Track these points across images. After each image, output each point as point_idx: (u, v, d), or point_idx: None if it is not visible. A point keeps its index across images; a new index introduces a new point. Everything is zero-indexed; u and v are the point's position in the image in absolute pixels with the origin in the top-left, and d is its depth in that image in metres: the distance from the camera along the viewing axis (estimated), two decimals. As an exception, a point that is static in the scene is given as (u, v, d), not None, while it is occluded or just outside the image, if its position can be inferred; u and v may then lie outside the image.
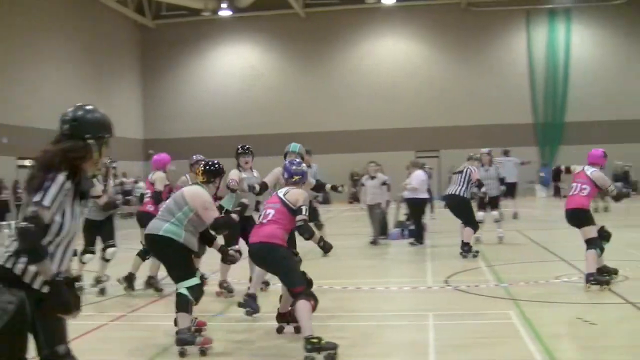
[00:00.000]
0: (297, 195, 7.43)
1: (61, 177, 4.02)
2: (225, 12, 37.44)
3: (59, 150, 4.12)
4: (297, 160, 8.48)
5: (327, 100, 38.23)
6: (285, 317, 7.95)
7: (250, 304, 8.72)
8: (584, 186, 10.13)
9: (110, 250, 10.80)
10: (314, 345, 6.75)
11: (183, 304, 7.21)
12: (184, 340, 7.12)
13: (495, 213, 16.13)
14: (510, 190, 20.17)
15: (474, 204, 15.53)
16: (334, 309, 9.22)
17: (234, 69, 39.36)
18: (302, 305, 6.96)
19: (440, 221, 21.43)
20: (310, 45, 38.50)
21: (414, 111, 37.48)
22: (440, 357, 6.83)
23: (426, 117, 37.39)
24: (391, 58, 38.35)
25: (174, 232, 7.35)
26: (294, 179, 7.73)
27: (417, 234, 16.36)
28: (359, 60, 38.41)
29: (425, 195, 16.69)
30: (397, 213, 18.85)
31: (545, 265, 12.53)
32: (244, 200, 8.14)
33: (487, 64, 37.94)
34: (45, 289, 3.94)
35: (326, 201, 35.40)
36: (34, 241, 3.88)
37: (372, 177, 16.32)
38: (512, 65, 38.03)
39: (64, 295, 3.96)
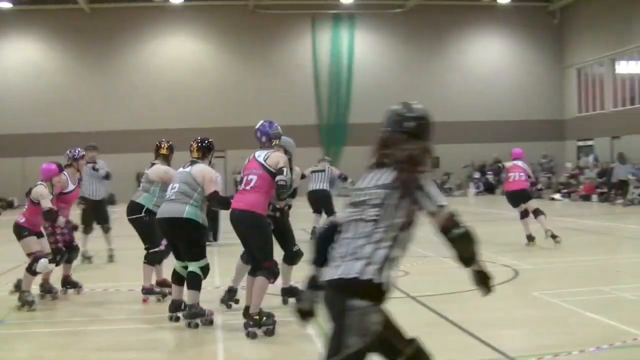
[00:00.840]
0: (277, 157, 7.63)
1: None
2: (5, 4, 35.57)
3: (423, 149, 4.04)
4: (268, 122, 8.42)
5: (114, 99, 37.20)
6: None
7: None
8: (520, 173, 14.63)
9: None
10: (256, 322, 7.35)
11: (196, 282, 7.94)
12: (195, 313, 7.79)
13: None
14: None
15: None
16: (122, 311, 9.11)
17: (15, 65, 37.36)
18: (262, 282, 7.48)
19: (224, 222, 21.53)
20: (96, 42, 37.32)
21: (201, 111, 37.32)
22: (229, 356, 6.92)
23: (213, 118, 37.32)
24: (178, 57, 38.00)
25: (195, 213, 7.99)
26: (273, 142, 7.98)
27: (213, 232, 16.79)
28: (146, 59, 37.78)
29: None
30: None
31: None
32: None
33: (273, 66, 38.50)
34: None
35: (112, 202, 34.58)
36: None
37: None
38: (298, 67, 38.83)
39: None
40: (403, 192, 3.85)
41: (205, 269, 8.11)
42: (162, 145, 10.22)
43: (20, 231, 9.40)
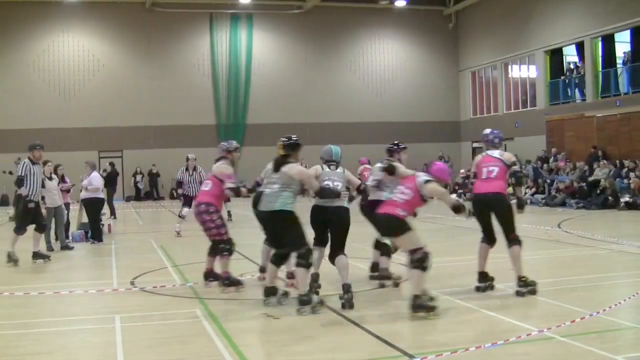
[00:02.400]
0: (509, 155, 9.88)
1: None
2: None
3: None
4: (496, 131, 10.28)
5: (5, 96, 36.06)
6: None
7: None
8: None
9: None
10: (525, 282, 9.22)
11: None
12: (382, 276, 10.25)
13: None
14: None
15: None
16: (17, 315, 8.84)
17: None
18: (517, 249, 9.30)
19: (122, 223, 21.21)
20: (-15, 37, 36.22)
21: (97, 110, 36.61)
22: (128, 359, 6.77)
23: (110, 117, 36.72)
24: (74, 55, 37.09)
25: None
26: (496, 142, 10.00)
27: (95, 233, 16.81)
28: (39, 56, 36.68)
29: (101, 196, 16.97)
30: (80, 215, 18.29)
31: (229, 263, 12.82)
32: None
33: (171, 65, 38.07)
34: None
35: (4, 203, 33.62)
36: None
37: (50, 178, 15.45)
38: (196, 66, 38.52)
39: None
40: None
41: None
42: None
43: (402, 225, 8.36)
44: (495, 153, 9.76)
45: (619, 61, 30.37)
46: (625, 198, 23.81)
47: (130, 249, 15.64)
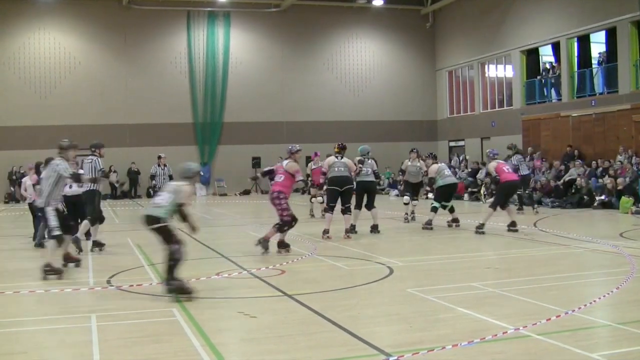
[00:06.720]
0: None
1: None
2: None
3: None
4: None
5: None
6: None
7: None
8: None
9: None
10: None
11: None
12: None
13: None
14: None
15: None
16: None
17: None
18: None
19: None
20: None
21: (73, 108, 36.39)
22: (104, 358, 6.73)
23: (86, 115, 36.50)
24: (50, 52, 36.83)
25: None
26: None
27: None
28: (15, 53, 36.37)
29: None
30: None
31: (206, 262, 12.80)
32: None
33: (148, 63, 37.90)
34: None
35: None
36: None
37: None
38: (173, 64, 38.36)
39: None
40: None
41: None
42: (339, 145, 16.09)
43: None
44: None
45: (594, 62, 30.59)
46: (601, 197, 23.92)
47: (107, 247, 15.54)
